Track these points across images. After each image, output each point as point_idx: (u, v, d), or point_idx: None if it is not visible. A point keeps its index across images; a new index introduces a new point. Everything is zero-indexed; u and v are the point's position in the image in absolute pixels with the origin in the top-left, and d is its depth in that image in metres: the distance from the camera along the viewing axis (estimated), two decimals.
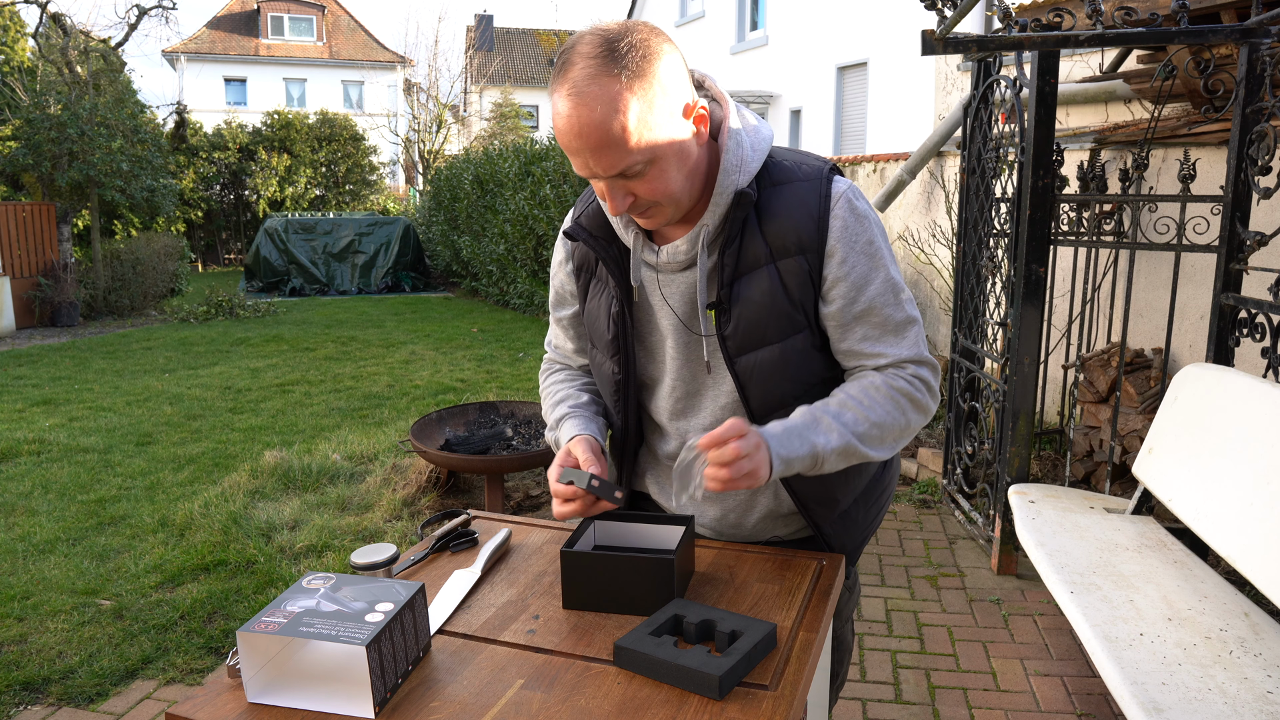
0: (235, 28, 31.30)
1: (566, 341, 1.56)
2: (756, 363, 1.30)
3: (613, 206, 1.21)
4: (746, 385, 1.32)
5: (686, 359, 1.38)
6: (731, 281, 1.29)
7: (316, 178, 18.58)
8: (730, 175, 1.26)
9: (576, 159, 1.17)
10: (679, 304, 1.35)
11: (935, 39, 2.89)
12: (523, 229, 9.87)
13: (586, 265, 1.44)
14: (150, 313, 11.48)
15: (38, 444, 5.38)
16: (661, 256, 1.33)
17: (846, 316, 1.30)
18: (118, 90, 12.47)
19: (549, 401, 1.55)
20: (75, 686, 2.73)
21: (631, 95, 1.12)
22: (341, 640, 1.02)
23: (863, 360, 1.33)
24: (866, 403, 1.28)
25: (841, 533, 1.47)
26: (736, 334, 1.30)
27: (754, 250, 1.28)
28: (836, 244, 1.27)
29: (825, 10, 13.06)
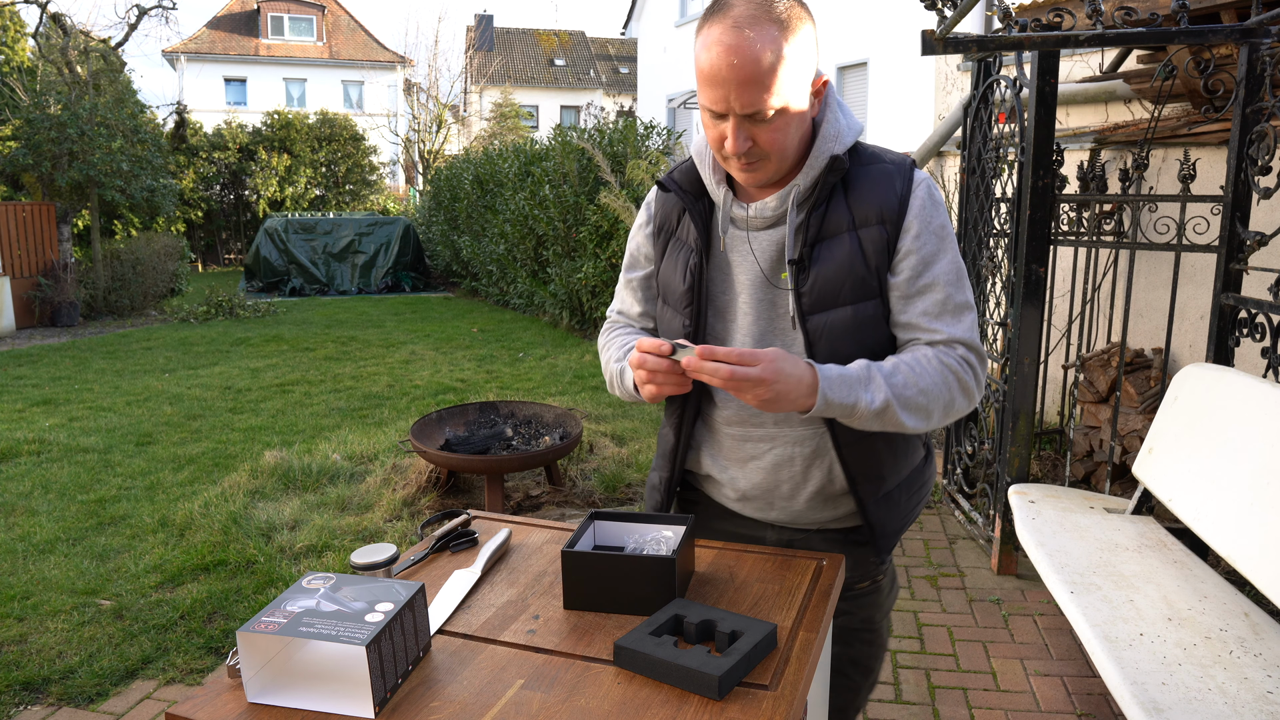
0: (235, 28, 31.30)
1: (634, 304, 1.60)
2: (827, 323, 1.36)
3: (734, 145, 1.28)
4: (815, 343, 1.36)
5: (758, 316, 1.42)
6: (814, 242, 1.36)
7: (316, 178, 18.58)
8: (827, 142, 1.36)
9: (716, 91, 1.24)
10: (762, 258, 1.41)
11: (935, 39, 2.89)
12: (523, 229, 9.87)
13: (668, 225, 1.51)
14: (150, 313, 11.48)
15: (38, 444, 5.38)
16: (750, 211, 1.40)
17: (911, 289, 1.37)
18: (118, 90, 12.46)
19: (615, 346, 1.56)
20: (75, 686, 2.73)
21: (785, 44, 1.23)
22: (341, 640, 1.02)
23: (919, 334, 1.38)
24: (918, 370, 1.32)
25: (884, 515, 1.48)
26: (812, 292, 1.36)
27: (838, 217, 1.36)
28: (914, 220, 1.36)
29: (825, 10, 13.05)
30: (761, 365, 1.20)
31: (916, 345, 1.38)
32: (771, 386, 1.21)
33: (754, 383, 1.20)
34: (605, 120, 9.50)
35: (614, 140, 8.85)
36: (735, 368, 1.20)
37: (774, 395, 1.22)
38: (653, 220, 1.55)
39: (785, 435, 1.44)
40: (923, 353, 1.36)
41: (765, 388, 1.21)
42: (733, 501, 1.54)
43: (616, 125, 9.20)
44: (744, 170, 1.34)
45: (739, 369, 1.20)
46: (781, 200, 1.38)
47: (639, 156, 8.48)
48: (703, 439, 1.55)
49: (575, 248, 8.97)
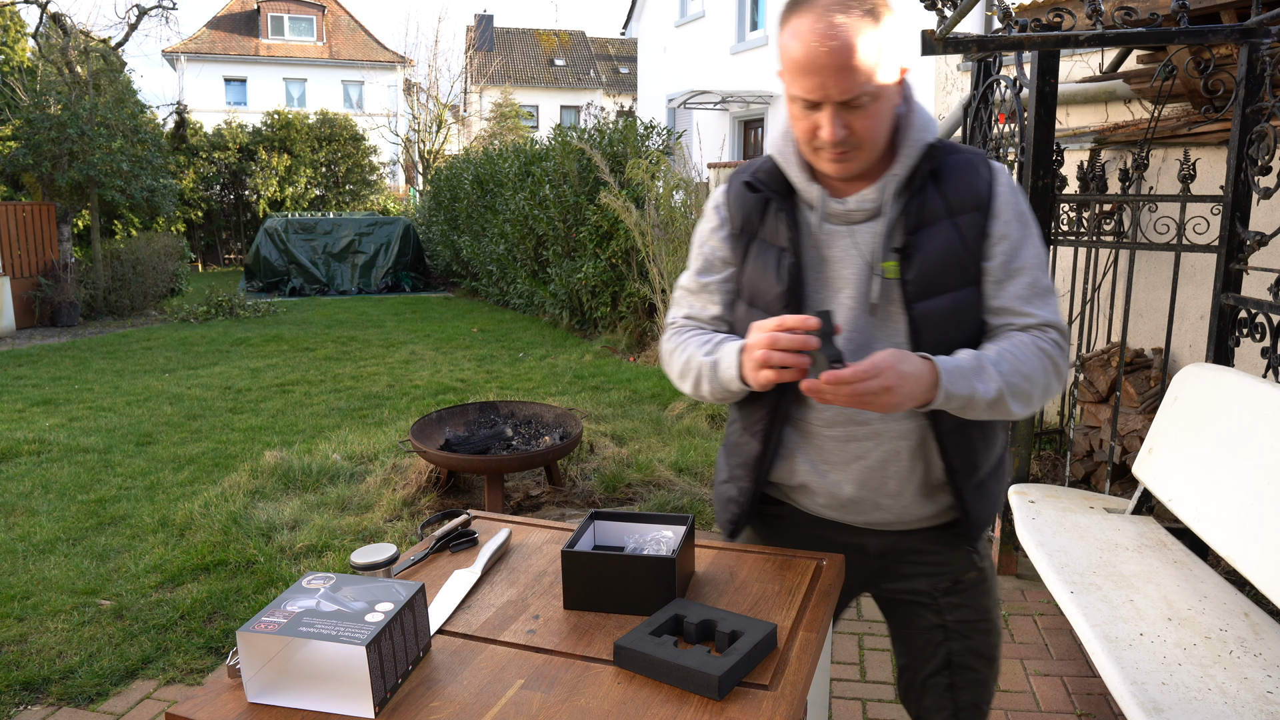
0: (235, 28, 31.30)
1: (711, 307, 1.54)
2: (933, 309, 1.37)
3: (830, 133, 1.28)
4: (921, 331, 1.36)
5: (862, 310, 1.40)
6: (914, 230, 1.37)
7: (316, 178, 18.58)
8: (920, 131, 1.38)
9: (812, 79, 1.25)
10: (866, 251, 1.40)
11: (935, 39, 2.89)
12: (523, 229, 9.87)
13: (749, 227, 1.48)
14: (150, 313, 11.48)
15: (38, 444, 5.38)
16: (850, 204, 1.39)
17: (1003, 273, 1.39)
18: (118, 90, 12.46)
19: (694, 344, 1.49)
20: (75, 686, 2.73)
21: (877, 32, 1.25)
22: (341, 640, 1.02)
23: (1012, 318, 1.39)
24: (1020, 356, 1.34)
25: (979, 504, 1.48)
26: (918, 280, 1.36)
27: (933, 205, 1.38)
28: (1003, 206, 1.39)
29: None
30: (883, 374, 1.21)
31: (1010, 330, 1.40)
32: (897, 391, 1.22)
33: (880, 392, 1.21)
34: (605, 120, 9.49)
35: (614, 140, 8.85)
36: (858, 385, 1.20)
37: (900, 399, 1.23)
38: (728, 223, 1.51)
39: (890, 430, 1.41)
40: (1020, 338, 1.37)
41: (891, 394, 1.22)
42: (831, 509, 1.49)
43: (616, 125, 9.20)
44: (836, 160, 1.33)
45: (862, 385, 1.20)
46: (880, 191, 1.38)
47: (639, 156, 8.48)
48: (796, 445, 1.48)
49: (575, 248, 8.97)
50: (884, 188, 1.38)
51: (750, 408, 1.50)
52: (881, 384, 1.21)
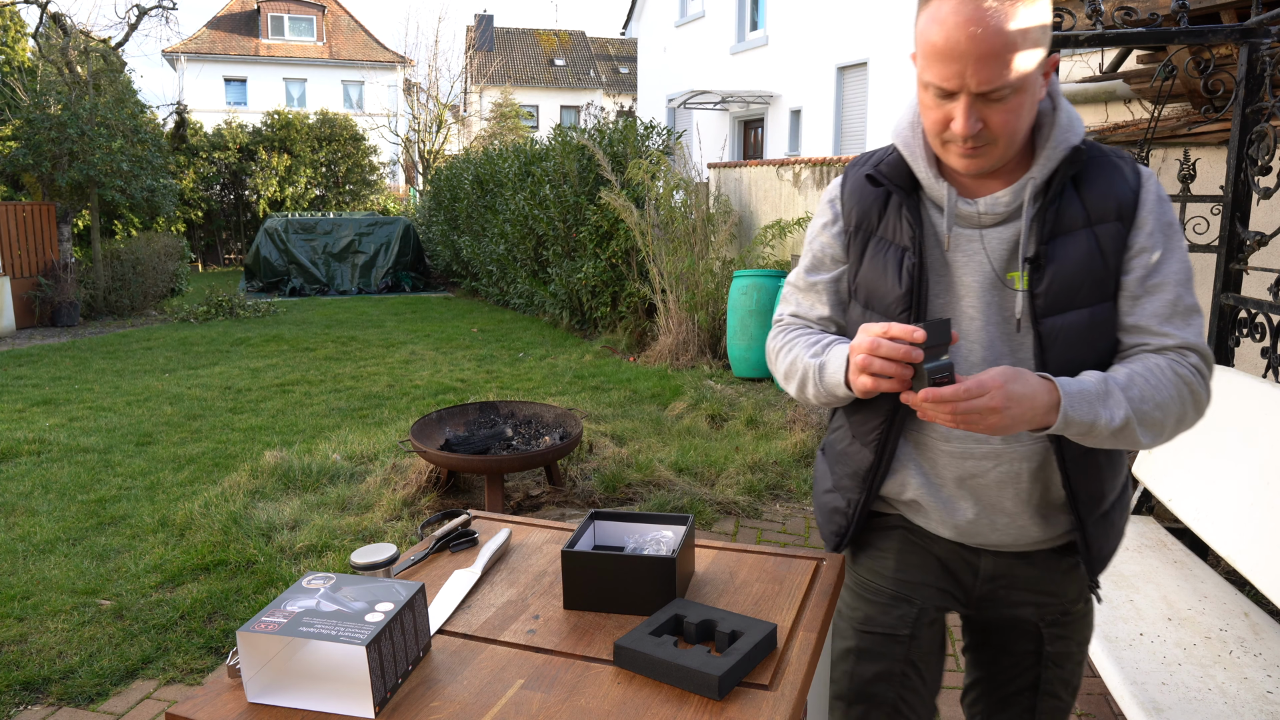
0: (235, 28, 31.30)
1: (819, 307, 1.46)
2: (1063, 325, 1.27)
3: (963, 125, 1.18)
4: (1048, 349, 1.27)
5: (987, 320, 1.31)
6: (1049, 239, 1.27)
7: (316, 178, 18.58)
8: (1064, 132, 1.27)
9: (950, 66, 1.16)
10: (994, 257, 1.30)
11: None
12: (523, 229, 9.87)
13: (867, 223, 1.38)
14: (150, 313, 11.49)
15: (38, 444, 5.38)
16: (980, 206, 1.29)
17: (1141, 288, 1.28)
18: (118, 90, 12.47)
19: (800, 345, 1.41)
20: (75, 686, 2.73)
21: (1026, 19, 1.15)
22: (341, 640, 1.02)
23: (1148, 338, 1.28)
24: (1154, 382, 1.23)
25: (1101, 536, 1.38)
26: (1049, 293, 1.26)
27: (1072, 212, 1.27)
28: (1148, 216, 1.28)
29: (825, 10, 13.06)
30: (990, 393, 1.12)
31: (1144, 351, 1.28)
32: (1005, 413, 1.14)
33: (984, 412, 1.13)
34: (605, 120, 9.50)
35: (614, 140, 8.85)
36: (960, 404, 1.12)
37: (1009, 421, 1.15)
38: (841, 218, 1.42)
39: (1011, 450, 1.32)
40: (1154, 361, 1.25)
41: (998, 415, 1.13)
42: (945, 526, 1.40)
43: (616, 125, 9.20)
44: (966, 156, 1.23)
45: (965, 405, 1.12)
46: (1015, 194, 1.28)
47: (639, 156, 8.48)
48: (909, 458, 1.40)
49: (575, 248, 8.97)
50: (1020, 191, 1.28)
51: (863, 415, 1.41)
52: (987, 404, 1.12)
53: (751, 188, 8.83)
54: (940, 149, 1.26)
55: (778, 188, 8.28)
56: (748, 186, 8.91)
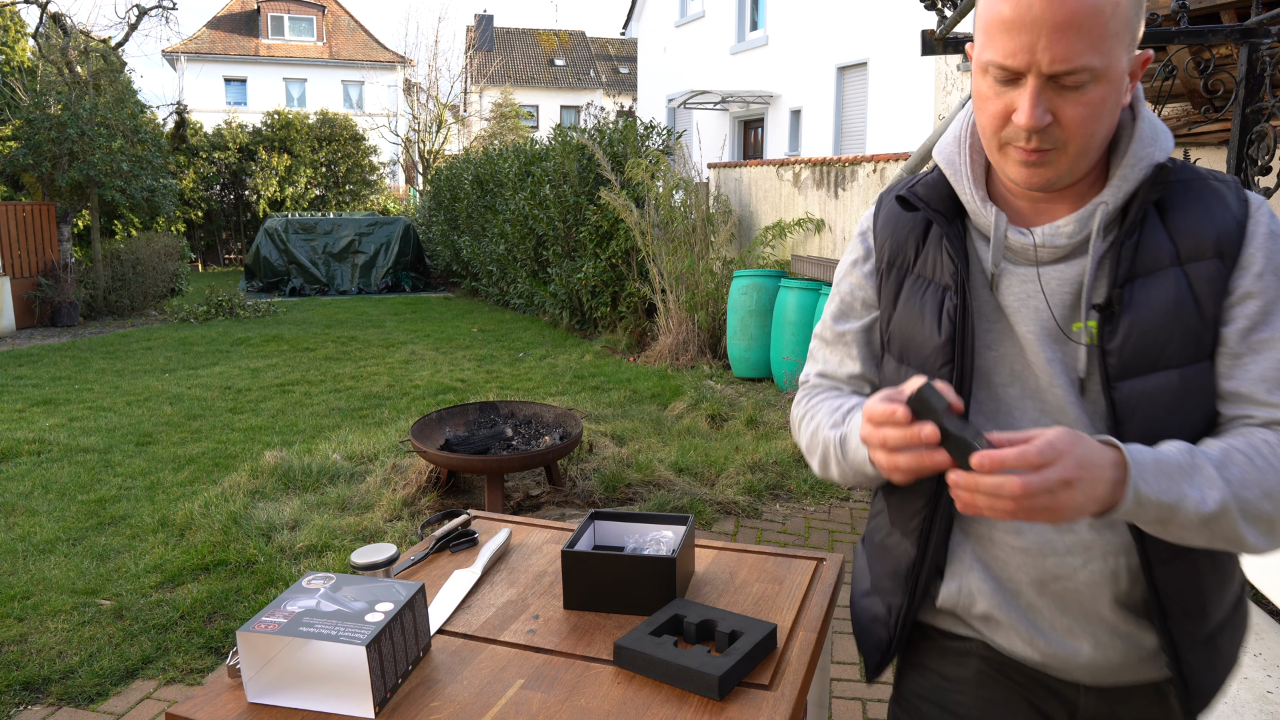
0: (235, 28, 31.30)
1: (849, 362, 1.20)
2: (1145, 391, 0.99)
3: (1029, 115, 0.93)
4: (1125, 420, 0.99)
5: (1048, 381, 1.04)
6: (1126, 280, 0.99)
7: (316, 178, 18.59)
8: (1146, 145, 1.01)
9: (1019, 38, 0.91)
10: (1053, 301, 1.03)
11: (935, 39, 2.89)
12: (523, 229, 9.88)
13: (902, 258, 1.14)
14: (150, 313, 11.49)
15: (38, 444, 5.38)
16: (1037, 237, 1.03)
17: (1243, 346, 0.99)
18: (118, 90, 12.47)
19: (824, 411, 1.17)
20: (75, 686, 2.73)
21: None
22: (341, 640, 1.02)
23: (1253, 409, 0.99)
24: (1260, 464, 0.93)
25: (1204, 666, 1.06)
26: (1124, 349, 0.99)
27: (1156, 247, 1.00)
28: (1257, 254, 0.99)
29: (825, 10, 13.06)
30: (1063, 459, 0.84)
31: (1247, 425, 0.99)
32: (1079, 486, 0.85)
33: (1056, 488, 0.84)
34: (605, 120, 9.50)
35: (614, 140, 8.85)
36: (1030, 478, 0.83)
37: (1082, 500, 0.86)
38: (874, 253, 1.17)
39: (1105, 543, 1.02)
40: (1262, 438, 0.96)
41: (1071, 491, 0.85)
42: (1030, 647, 1.08)
43: (616, 125, 9.20)
44: (1028, 163, 0.97)
45: (1035, 479, 0.83)
46: (1082, 222, 1.01)
47: (639, 156, 8.48)
48: (968, 555, 1.10)
49: (575, 248, 8.97)
50: (1087, 219, 1.01)
51: (902, 496, 1.13)
52: (1060, 476, 0.84)
53: (751, 188, 8.83)
54: (997, 155, 1.00)
55: (778, 188, 8.29)
56: (748, 186, 8.92)
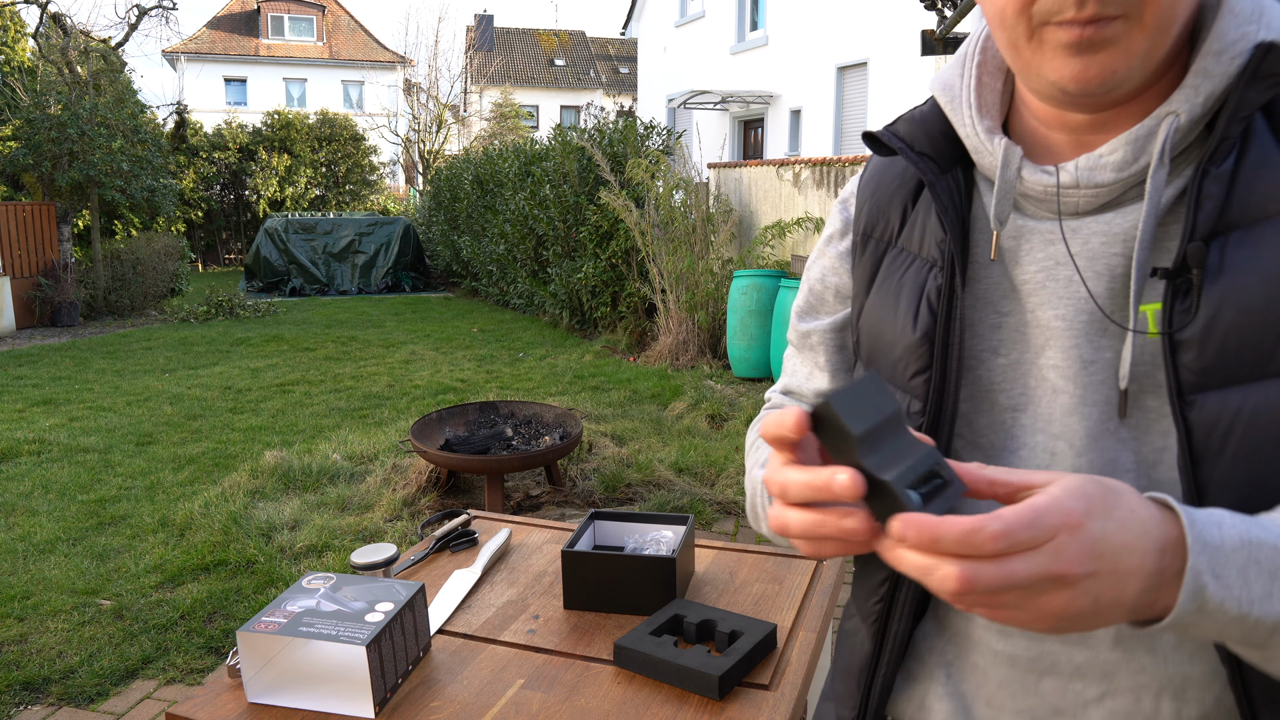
0: (235, 28, 31.30)
1: (816, 374, 0.88)
2: (1240, 411, 0.61)
3: None
4: (1204, 459, 0.62)
5: (1080, 398, 0.68)
6: (1213, 234, 0.63)
7: (316, 178, 18.59)
8: (1244, 22, 0.62)
9: None
10: (1093, 272, 0.67)
11: (935, 39, 2.89)
12: (523, 229, 9.88)
13: (882, 227, 0.80)
14: (150, 313, 11.49)
15: (38, 444, 5.38)
16: (1065, 176, 0.67)
17: None
18: (118, 90, 12.47)
19: (761, 445, 0.90)
20: (75, 686, 2.73)
21: None
22: (341, 640, 1.02)
23: None
24: None
25: None
26: (1208, 343, 0.62)
27: (1266, 180, 0.62)
28: None
29: (825, 10, 13.06)
30: (1056, 537, 0.50)
31: None
32: (1079, 587, 0.50)
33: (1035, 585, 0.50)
34: (605, 120, 9.50)
35: (614, 140, 8.86)
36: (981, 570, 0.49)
37: (1087, 603, 0.51)
38: (852, 226, 0.85)
39: (1137, 666, 0.67)
40: None
41: (1065, 593, 0.50)
42: None
43: (616, 125, 9.20)
44: (1081, 43, 0.60)
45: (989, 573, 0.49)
46: (1139, 145, 0.64)
47: (639, 156, 8.48)
48: (934, 657, 0.78)
49: (575, 248, 8.98)
50: (1147, 138, 0.64)
51: (865, 564, 0.83)
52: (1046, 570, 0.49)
53: (751, 188, 8.83)
54: (1028, 51, 0.63)
55: (778, 188, 8.29)
56: (748, 186, 8.92)
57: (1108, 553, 0.51)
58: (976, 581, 0.48)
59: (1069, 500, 0.51)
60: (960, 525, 0.48)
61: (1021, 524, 0.49)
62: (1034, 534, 0.49)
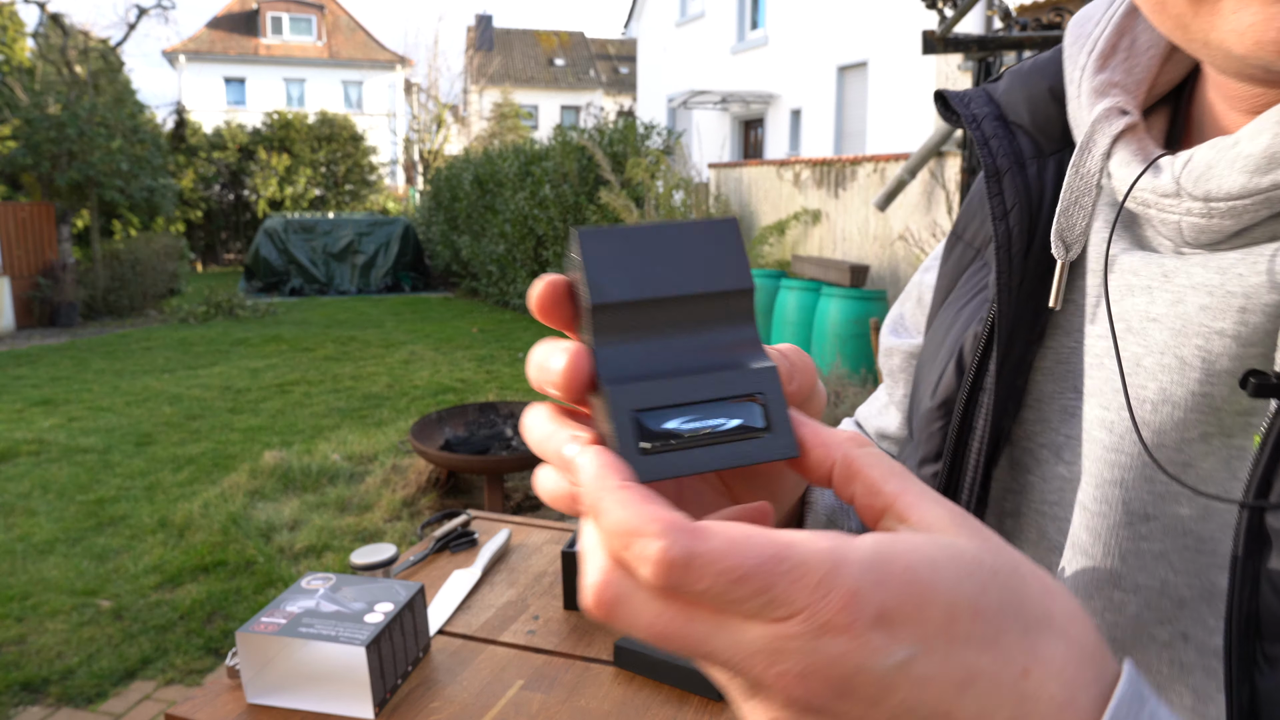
0: (235, 27, 31.30)
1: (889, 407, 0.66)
2: None
3: None
4: None
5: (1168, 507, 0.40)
6: None
7: (316, 178, 18.59)
8: None
9: None
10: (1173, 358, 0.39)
11: (936, 39, 2.89)
12: (522, 229, 9.88)
13: (975, 228, 0.56)
14: (149, 313, 11.48)
15: (37, 444, 5.37)
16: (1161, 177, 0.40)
17: None
18: (117, 90, 12.47)
19: None
20: (74, 687, 2.73)
21: None
22: (341, 641, 1.02)
23: None
24: None
25: None
26: None
27: None
28: None
29: (825, 10, 13.06)
30: (775, 584, 0.24)
31: None
32: (806, 685, 0.24)
33: (740, 672, 0.25)
34: (605, 120, 9.51)
35: (614, 140, 8.86)
36: (651, 602, 0.27)
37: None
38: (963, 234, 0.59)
39: None
40: None
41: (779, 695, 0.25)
42: None
43: (616, 125, 9.21)
44: None
45: (660, 618, 0.26)
46: None
47: (639, 156, 8.49)
48: None
49: None
50: None
51: None
52: (777, 672, 0.24)
53: (751, 188, 8.83)
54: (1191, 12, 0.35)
55: (778, 188, 8.29)
56: (748, 186, 8.91)
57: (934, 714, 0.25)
58: (616, 609, 0.28)
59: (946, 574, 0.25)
60: (641, 513, 0.26)
61: (774, 571, 0.24)
62: (738, 558, 0.24)
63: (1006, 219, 0.47)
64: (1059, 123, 0.48)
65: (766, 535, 0.25)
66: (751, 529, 0.25)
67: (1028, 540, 0.47)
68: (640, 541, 0.25)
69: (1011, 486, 0.49)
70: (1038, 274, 0.47)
